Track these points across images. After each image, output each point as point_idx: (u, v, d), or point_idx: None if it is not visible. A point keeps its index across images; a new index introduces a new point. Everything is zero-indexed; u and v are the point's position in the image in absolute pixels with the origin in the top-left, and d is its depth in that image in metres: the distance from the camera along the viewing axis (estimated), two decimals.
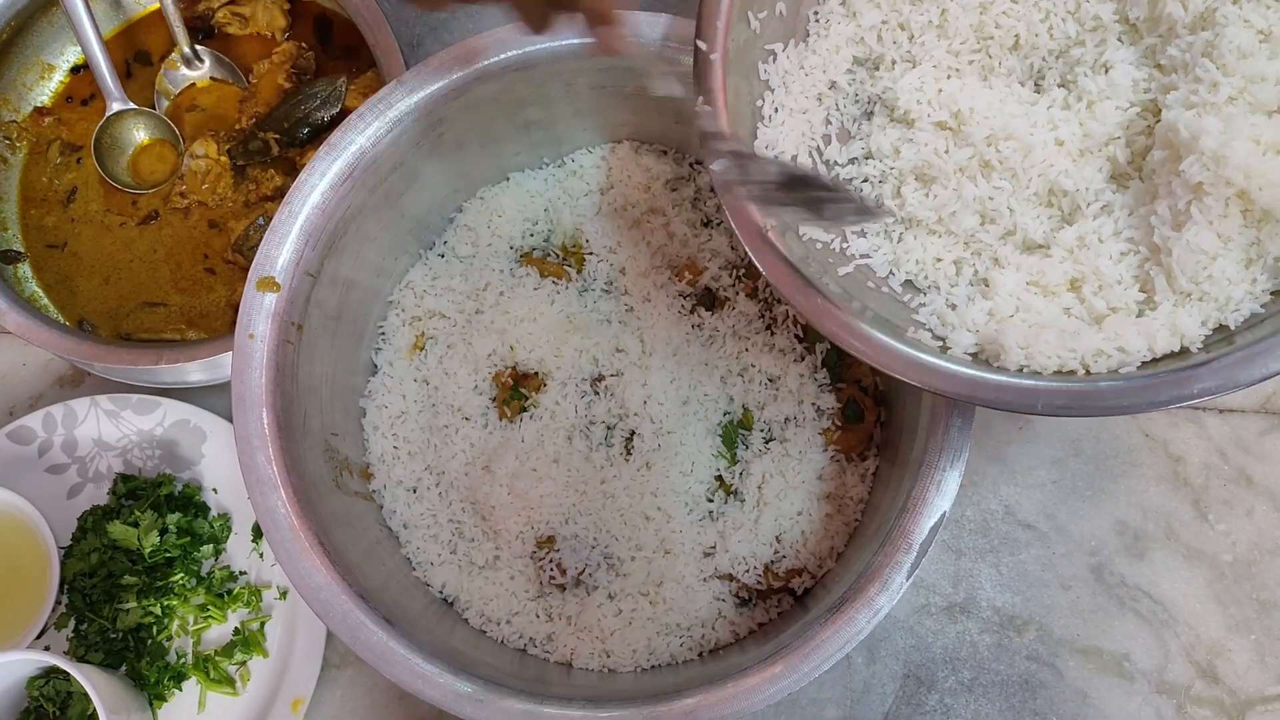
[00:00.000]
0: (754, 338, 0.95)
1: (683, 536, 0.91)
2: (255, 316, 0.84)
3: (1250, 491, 1.02)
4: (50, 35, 1.17)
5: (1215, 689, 0.98)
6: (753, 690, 0.76)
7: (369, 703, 1.01)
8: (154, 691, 0.99)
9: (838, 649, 0.75)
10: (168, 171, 1.15)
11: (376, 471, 0.96)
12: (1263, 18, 0.71)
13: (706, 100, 0.76)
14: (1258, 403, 1.05)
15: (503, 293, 0.99)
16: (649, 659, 0.90)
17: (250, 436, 0.82)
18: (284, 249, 0.86)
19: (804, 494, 0.92)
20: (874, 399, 0.95)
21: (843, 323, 0.72)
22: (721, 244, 0.98)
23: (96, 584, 1.01)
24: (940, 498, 0.78)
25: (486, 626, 0.92)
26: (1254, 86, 0.69)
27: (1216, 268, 0.69)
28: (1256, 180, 0.67)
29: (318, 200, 0.87)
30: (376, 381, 0.99)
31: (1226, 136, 0.67)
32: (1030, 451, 1.04)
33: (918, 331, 0.74)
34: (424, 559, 0.94)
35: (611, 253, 1.00)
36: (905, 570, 0.76)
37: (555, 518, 0.92)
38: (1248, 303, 0.69)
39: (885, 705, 0.99)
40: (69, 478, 1.07)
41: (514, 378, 0.97)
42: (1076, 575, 1.01)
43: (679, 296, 0.97)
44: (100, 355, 1.01)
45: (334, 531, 0.83)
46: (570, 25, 0.77)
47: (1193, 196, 0.69)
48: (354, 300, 0.95)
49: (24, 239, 1.14)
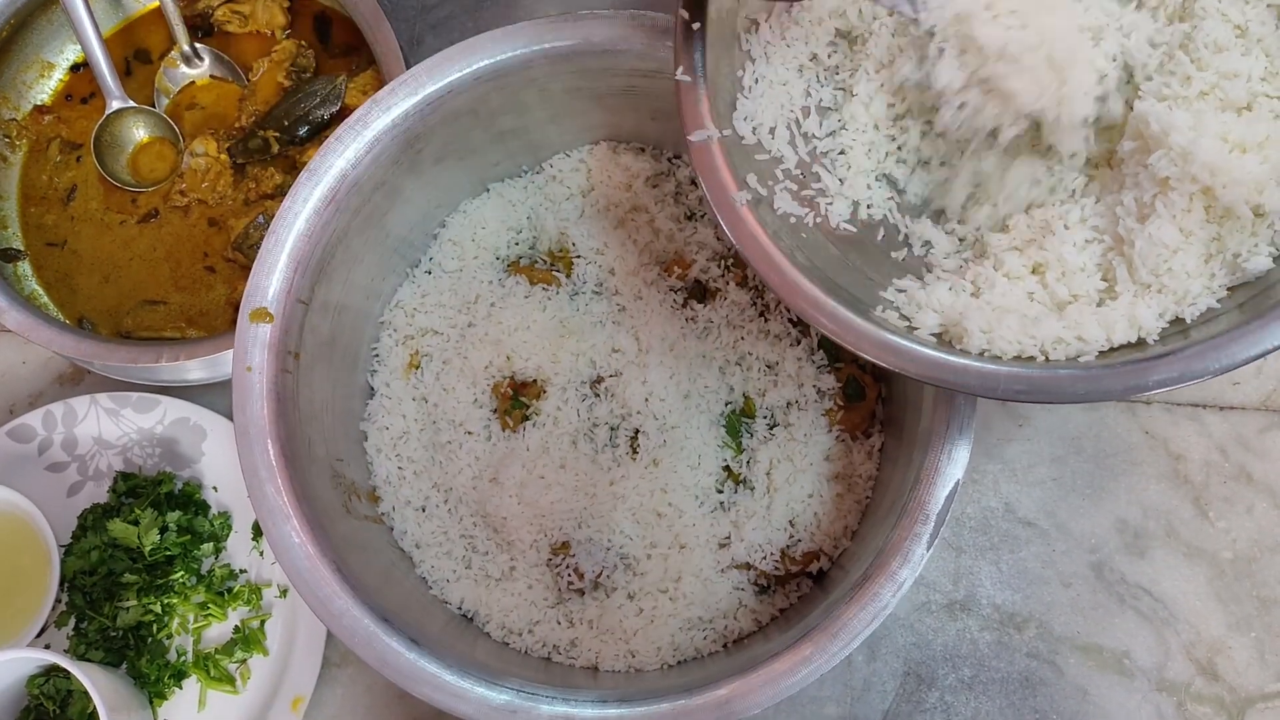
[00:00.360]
0: (748, 325, 0.95)
1: (696, 530, 0.91)
2: (251, 348, 0.84)
3: (1250, 489, 1.02)
4: (50, 33, 1.17)
5: (1215, 686, 0.98)
6: (784, 674, 0.76)
7: (369, 701, 1.01)
8: (154, 689, 0.99)
9: (865, 625, 0.76)
10: (167, 170, 1.15)
11: (383, 494, 0.95)
12: (1240, 13, 0.71)
13: (686, 71, 0.76)
14: (1258, 400, 1.05)
15: (494, 304, 0.98)
16: (674, 655, 0.90)
17: (257, 469, 0.81)
18: (273, 278, 0.85)
19: (813, 476, 0.92)
20: (873, 376, 0.95)
21: (813, 299, 0.72)
22: (707, 236, 0.98)
23: (97, 582, 1.01)
24: (952, 466, 0.78)
25: (509, 638, 0.92)
26: (1225, 83, 0.70)
27: (1176, 261, 0.69)
28: (1221, 178, 0.67)
29: (303, 227, 0.86)
30: (375, 404, 0.98)
31: (1195, 133, 0.68)
32: (1030, 449, 1.04)
33: (885, 311, 0.74)
34: (439, 577, 0.93)
35: (599, 254, 1.00)
36: (924, 541, 0.77)
37: (567, 523, 0.92)
38: (1205, 297, 0.70)
39: (885, 703, 0.99)
40: (69, 476, 1.07)
41: (513, 387, 0.97)
42: (1077, 573, 1.01)
43: (670, 291, 0.97)
44: (100, 353, 1.01)
45: (349, 557, 0.82)
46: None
47: (1158, 190, 0.70)
48: (346, 324, 0.94)
49: (24, 237, 1.14)
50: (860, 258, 0.80)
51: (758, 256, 0.73)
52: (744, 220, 0.74)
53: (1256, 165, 0.67)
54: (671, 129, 0.98)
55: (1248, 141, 0.68)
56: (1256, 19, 0.71)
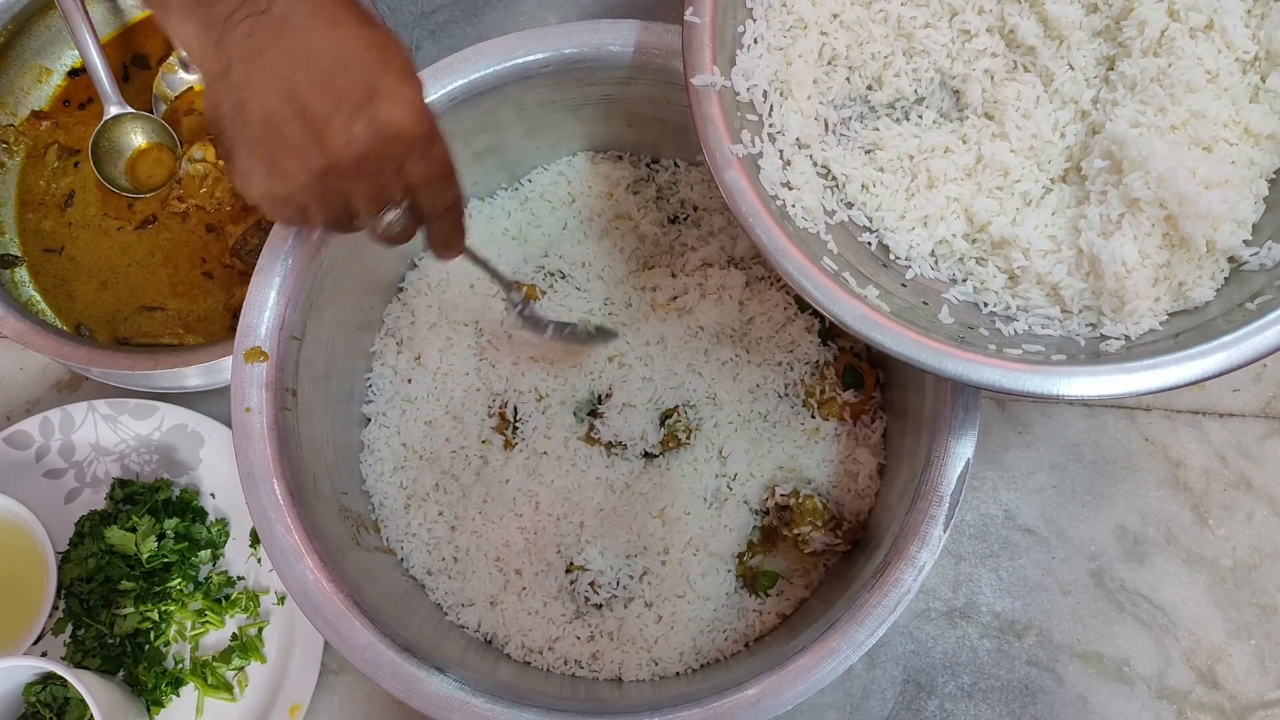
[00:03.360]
0: (743, 323, 0.95)
1: (707, 531, 0.91)
2: (248, 389, 0.83)
3: (1250, 496, 1.02)
4: (48, 39, 1.16)
5: (1215, 694, 0.98)
6: (812, 668, 0.76)
7: (367, 708, 1.01)
8: (151, 697, 0.99)
9: (889, 612, 0.76)
10: (165, 175, 1.15)
11: (388, 524, 0.95)
12: (1214, 59, 0.74)
13: (696, 11, 0.76)
14: (1257, 407, 1.05)
15: (481, 325, 0.98)
16: (696, 659, 0.90)
17: (265, 510, 0.80)
18: (264, 316, 0.84)
19: (817, 464, 0.92)
20: (870, 363, 0.95)
21: (800, 265, 0.72)
22: (691, 237, 0.98)
23: (94, 589, 1.01)
24: (961, 445, 0.78)
25: (530, 657, 0.91)
26: (1195, 121, 0.72)
27: (1130, 279, 0.72)
28: (1188, 208, 0.70)
29: (291, 262, 0.85)
30: (372, 435, 0.98)
31: (1172, 163, 0.70)
32: (1030, 456, 1.04)
33: (865, 287, 0.74)
34: (454, 602, 0.93)
35: (586, 265, 0.99)
36: (941, 523, 0.77)
37: (579, 538, 0.92)
38: (1149, 319, 0.72)
39: (885, 711, 0.99)
40: (66, 483, 1.06)
41: (510, 408, 0.96)
42: (1076, 580, 1.01)
43: (660, 295, 0.97)
44: (98, 360, 1.01)
45: (366, 589, 0.82)
46: None
47: (1126, 210, 0.72)
48: (339, 356, 0.94)
49: (21, 243, 1.14)
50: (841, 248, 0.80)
51: (747, 213, 0.73)
52: (736, 175, 0.74)
53: (1219, 203, 0.70)
54: (648, 134, 0.98)
55: (1213, 179, 0.71)
56: (1226, 69, 0.74)
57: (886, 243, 0.79)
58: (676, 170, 1.01)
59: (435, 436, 0.96)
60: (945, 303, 0.76)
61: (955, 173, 0.78)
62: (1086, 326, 0.74)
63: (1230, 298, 0.72)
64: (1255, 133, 0.74)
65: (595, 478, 0.93)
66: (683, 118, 0.79)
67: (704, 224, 0.99)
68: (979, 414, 0.79)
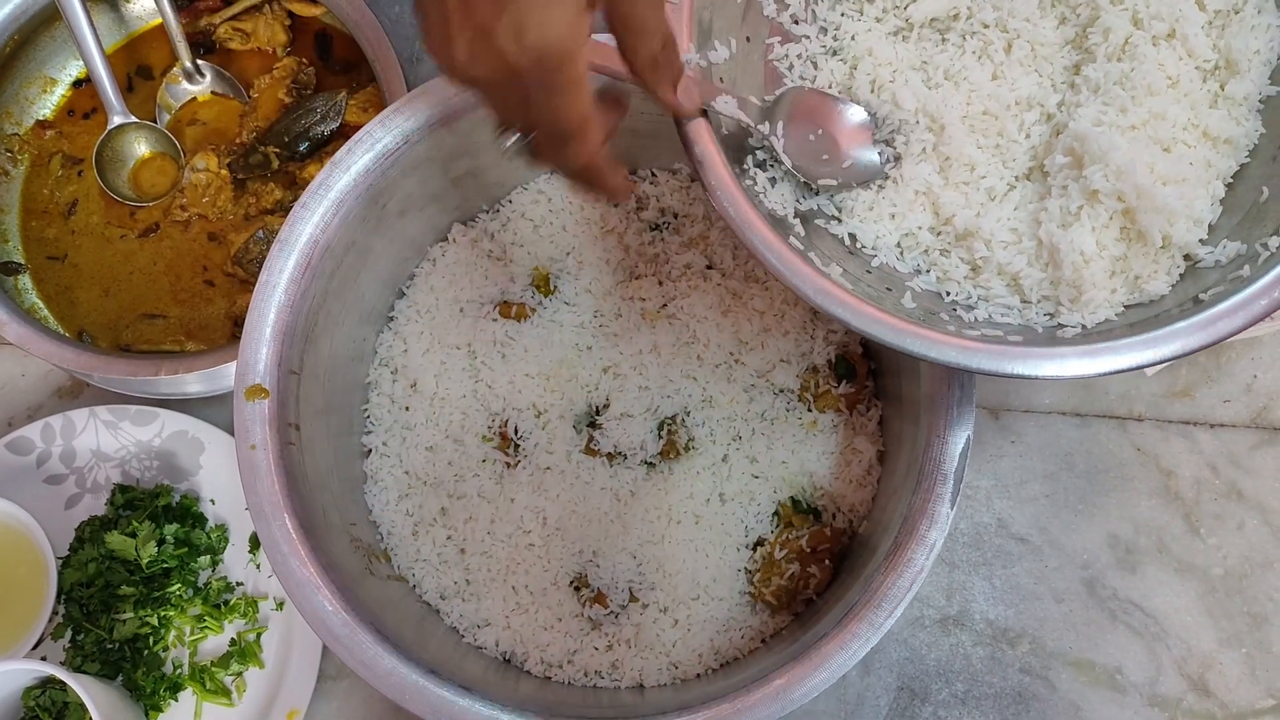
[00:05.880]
0: (733, 324, 0.96)
1: (714, 531, 0.92)
2: (252, 427, 0.83)
3: (1241, 506, 1.03)
4: (53, 49, 1.18)
5: (1207, 702, 0.98)
6: (836, 653, 0.76)
7: (365, 714, 1.01)
8: (150, 702, 0.99)
9: (906, 591, 0.77)
10: (168, 185, 1.16)
11: (398, 553, 0.95)
12: (1175, 66, 0.76)
13: None
14: (1248, 417, 1.06)
15: (474, 347, 0.98)
16: (716, 659, 0.90)
17: (278, 544, 0.81)
18: (262, 352, 0.85)
19: (818, 457, 0.93)
20: (861, 353, 0.96)
21: (765, 239, 0.72)
22: (674, 243, 0.99)
23: (94, 594, 1.01)
24: (960, 422, 0.79)
25: (550, 672, 0.92)
26: (1155, 121, 0.75)
27: (1087, 270, 0.73)
28: (1145, 202, 0.72)
29: (283, 298, 0.86)
30: (374, 466, 0.98)
31: (1131, 158, 0.72)
32: (1023, 465, 1.05)
33: (829, 265, 0.75)
34: (469, 625, 0.93)
35: (573, 279, 1.00)
36: (947, 500, 0.78)
37: (590, 550, 0.93)
38: (1104, 309, 0.74)
39: (879, 718, 0.99)
40: (67, 488, 1.07)
41: (513, 426, 0.96)
42: (1069, 588, 1.02)
43: (649, 304, 0.98)
44: (99, 366, 1.02)
45: (384, 616, 0.82)
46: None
47: (1085, 202, 0.74)
48: (337, 388, 0.94)
49: (25, 251, 1.15)
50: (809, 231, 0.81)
51: (715, 185, 0.74)
52: (705, 143, 0.75)
53: (1175, 198, 0.72)
54: (622, 145, 0.98)
55: (1170, 176, 0.73)
56: (1187, 76, 0.76)
57: (854, 232, 0.80)
58: (655, 179, 1.01)
59: (437, 461, 0.96)
60: (909, 290, 0.77)
61: (925, 169, 0.80)
62: (1045, 315, 0.75)
63: (1185, 292, 0.73)
64: (1213, 136, 0.76)
65: (600, 488, 0.94)
66: (655, 126, 0.79)
67: (685, 230, 1.00)
68: (975, 391, 0.80)
